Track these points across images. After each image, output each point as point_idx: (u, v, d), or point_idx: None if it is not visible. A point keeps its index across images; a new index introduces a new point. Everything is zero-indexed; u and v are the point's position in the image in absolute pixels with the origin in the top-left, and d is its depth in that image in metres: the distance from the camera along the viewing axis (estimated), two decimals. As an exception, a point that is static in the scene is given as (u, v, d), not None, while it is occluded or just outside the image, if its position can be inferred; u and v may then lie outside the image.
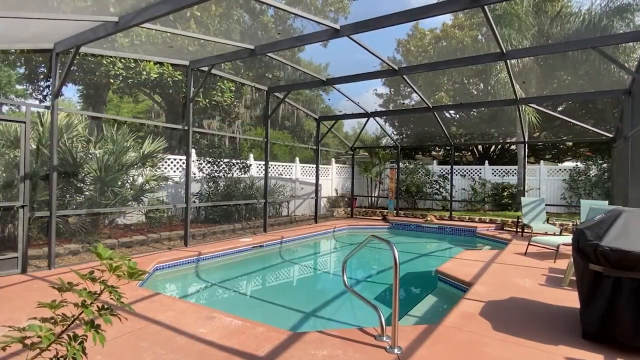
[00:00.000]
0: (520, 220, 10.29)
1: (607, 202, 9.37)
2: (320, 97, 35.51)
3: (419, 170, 16.04)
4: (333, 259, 9.10)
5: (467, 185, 15.69)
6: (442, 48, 19.37)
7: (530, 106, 9.09)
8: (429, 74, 17.22)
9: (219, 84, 12.05)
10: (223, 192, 10.47)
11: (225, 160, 10.71)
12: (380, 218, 13.64)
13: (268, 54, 7.07)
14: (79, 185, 7.41)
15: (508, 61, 7.04)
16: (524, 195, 11.42)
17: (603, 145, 16.72)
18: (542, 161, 15.76)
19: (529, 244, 7.49)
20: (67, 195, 7.34)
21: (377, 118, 12.72)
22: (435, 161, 17.49)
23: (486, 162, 16.39)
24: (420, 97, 9.26)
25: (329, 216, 14.47)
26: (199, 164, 10.37)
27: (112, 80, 10.49)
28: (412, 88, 8.61)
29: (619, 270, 3.17)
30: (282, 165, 13.82)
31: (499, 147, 21.89)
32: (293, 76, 13.00)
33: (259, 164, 12.81)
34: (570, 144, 19.33)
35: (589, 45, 6.03)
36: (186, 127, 7.67)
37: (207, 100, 12.23)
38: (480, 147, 22.60)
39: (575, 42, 8.24)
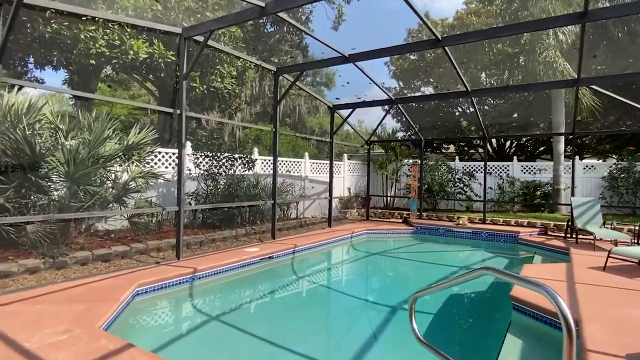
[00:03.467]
0: (571, 223, 8.78)
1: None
2: (322, 92, 34.06)
3: (440, 167, 14.49)
4: (365, 277, 7.47)
5: (494, 184, 14.16)
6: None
7: (592, 88, 7.58)
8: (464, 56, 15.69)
9: (218, 67, 10.52)
10: (224, 192, 8.93)
11: (227, 154, 9.16)
12: (401, 221, 12.12)
13: (281, 15, 5.53)
14: (42, 183, 5.87)
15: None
16: (573, 195, 9.89)
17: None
18: (576, 157, 14.22)
19: (608, 256, 5.97)
20: (29, 197, 5.80)
21: (384, 110, 11.18)
22: (457, 157, 15.94)
23: (514, 158, 14.88)
24: (461, 78, 7.70)
25: (342, 218, 12.94)
26: (195, 158, 8.83)
27: (93, 62, 8.93)
28: (454, 65, 7.05)
29: None
30: (290, 162, 12.28)
31: (511, 142, 20.41)
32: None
33: (264, 160, 11.27)
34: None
35: None
36: (178, 111, 6.14)
37: (204, 87, 10.69)
38: (494, 142, 21.18)
39: None
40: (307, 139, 23.03)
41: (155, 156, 8.50)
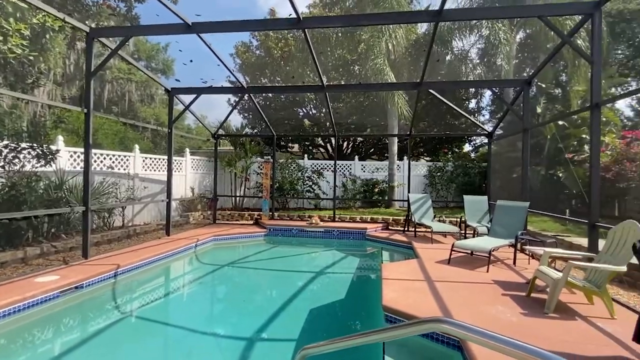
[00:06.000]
0: (411, 218, 9.47)
1: (485, 197, 9.30)
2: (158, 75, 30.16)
3: (291, 165, 14.17)
4: (212, 299, 6.07)
5: (339, 182, 14.66)
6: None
7: (431, 92, 8.24)
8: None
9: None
10: (2, 196, 6.20)
11: (6, 142, 6.41)
12: (252, 222, 11.15)
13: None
14: None
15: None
16: (409, 192, 10.78)
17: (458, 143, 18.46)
18: (405, 157, 16.01)
19: (452, 251, 6.36)
20: None
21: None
22: (306, 155, 15.94)
23: (356, 157, 15.77)
24: (318, 71, 7.22)
25: (184, 223, 11.15)
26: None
27: None
28: (312, 54, 6.47)
29: None
30: (115, 155, 9.80)
31: (347, 142, 22.12)
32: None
33: (74, 152, 8.59)
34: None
35: (536, 13, 5.06)
36: None
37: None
38: (334, 142, 22.48)
39: (521, 8, 7.59)
40: (138, 129, 19.68)
41: None
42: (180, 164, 12.41)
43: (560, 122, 12.16)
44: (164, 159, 11.30)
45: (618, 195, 10.44)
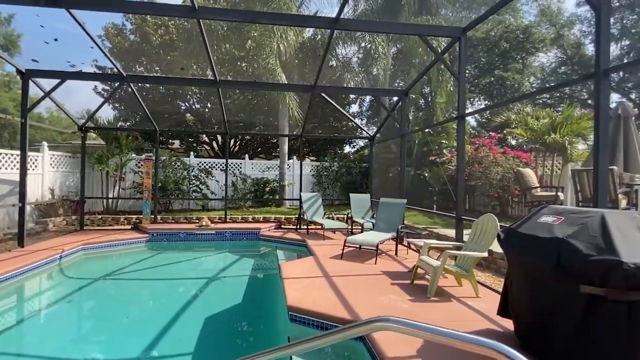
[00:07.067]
0: (303, 216, 9.73)
1: (368, 195, 10.15)
2: None
3: (175, 163, 13.13)
4: (87, 322, 5.18)
5: (229, 181, 14.18)
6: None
7: (323, 96, 8.60)
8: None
9: None
10: None
11: None
12: (130, 227, 9.98)
13: None
14: None
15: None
16: (302, 190, 11.04)
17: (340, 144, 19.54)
18: (294, 157, 16.38)
19: (344, 246, 6.75)
20: None
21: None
22: (192, 153, 14.96)
23: (247, 156, 15.49)
24: (212, 65, 6.81)
25: (42, 231, 9.35)
26: None
27: None
28: (206, 46, 6.08)
29: (635, 292, 2.41)
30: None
31: (235, 140, 21.74)
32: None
33: None
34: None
35: (417, 32, 5.72)
36: None
37: None
38: (220, 140, 21.71)
39: (406, 26, 8.23)
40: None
41: None
42: (36, 160, 10.35)
43: (426, 130, 14.03)
44: (14, 155, 9.29)
45: (469, 192, 12.54)
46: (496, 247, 4.64)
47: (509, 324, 3.33)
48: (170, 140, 21.34)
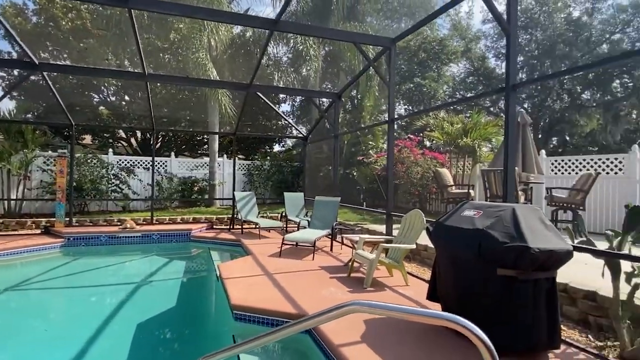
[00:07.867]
0: (237, 215, 9.61)
1: (302, 193, 10.39)
2: None
3: (91, 160, 12.01)
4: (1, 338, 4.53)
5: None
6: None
7: (258, 95, 8.56)
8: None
9: None
10: None
11: None
12: (40, 232, 8.93)
13: None
14: None
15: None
16: (235, 189, 10.86)
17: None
18: (224, 155, 15.98)
19: (282, 244, 6.88)
20: None
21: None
22: (111, 150, 13.77)
23: (172, 154, 14.72)
24: (141, 58, 6.39)
25: None
26: None
27: None
28: (137, 38, 5.70)
29: (538, 272, 2.94)
30: None
31: (157, 137, 20.58)
32: None
33: None
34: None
35: (352, 39, 6.07)
36: None
37: None
38: (139, 136, 20.29)
39: (341, 32, 8.43)
40: None
41: None
42: None
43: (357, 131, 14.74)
44: None
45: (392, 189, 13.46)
46: (421, 240, 5.18)
47: (436, 307, 3.77)
48: (81, 136, 19.36)
